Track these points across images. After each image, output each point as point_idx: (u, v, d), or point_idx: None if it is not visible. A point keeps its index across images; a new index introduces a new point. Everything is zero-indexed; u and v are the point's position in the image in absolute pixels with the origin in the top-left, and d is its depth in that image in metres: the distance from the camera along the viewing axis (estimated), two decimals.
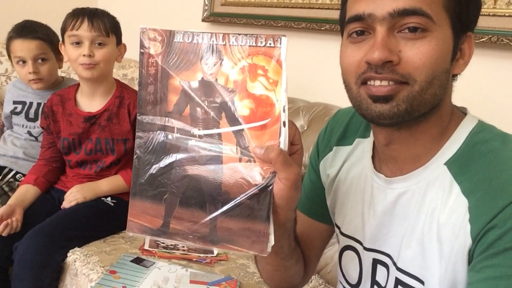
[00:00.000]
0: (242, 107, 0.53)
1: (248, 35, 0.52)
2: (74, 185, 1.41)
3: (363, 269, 0.72)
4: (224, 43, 0.52)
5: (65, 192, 1.41)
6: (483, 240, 0.55)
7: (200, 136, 0.55)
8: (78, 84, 1.48)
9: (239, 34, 0.52)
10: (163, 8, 2.37)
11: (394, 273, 0.66)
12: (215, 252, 1.28)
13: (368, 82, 0.59)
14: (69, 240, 1.25)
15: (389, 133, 0.64)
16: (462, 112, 0.66)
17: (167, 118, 0.56)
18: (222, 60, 0.53)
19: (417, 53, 0.56)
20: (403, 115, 0.58)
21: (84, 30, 1.34)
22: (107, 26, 1.37)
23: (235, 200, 0.54)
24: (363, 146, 0.74)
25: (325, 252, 1.30)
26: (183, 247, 1.27)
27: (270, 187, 0.53)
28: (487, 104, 0.73)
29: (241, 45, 0.52)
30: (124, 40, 1.48)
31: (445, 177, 0.61)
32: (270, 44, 0.51)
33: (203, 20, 2.10)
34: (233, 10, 1.97)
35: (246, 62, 0.52)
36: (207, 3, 2.07)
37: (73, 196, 1.37)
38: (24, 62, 1.57)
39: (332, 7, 1.60)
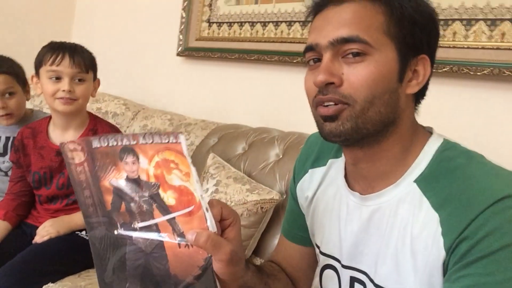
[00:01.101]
0: (168, 198, 0.57)
1: (152, 134, 0.56)
2: (46, 219, 1.38)
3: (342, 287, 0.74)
4: (135, 142, 0.56)
5: (37, 227, 1.37)
6: (456, 251, 0.57)
7: (140, 228, 0.58)
8: (50, 117, 1.47)
9: (145, 134, 0.56)
10: (138, 43, 2.41)
11: None
12: None
13: (320, 103, 0.65)
14: (43, 276, 1.21)
15: (354, 153, 0.68)
16: (428, 131, 0.69)
17: (109, 215, 0.59)
18: (138, 158, 0.56)
19: (356, 76, 0.62)
20: (350, 133, 0.63)
21: (65, 66, 1.34)
22: (87, 62, 1.38)
23: (183, 282, 0.57)
24: (337, 166, 0.77)
25: None
26: None
27: (210, 267, 0.56)
28: (450, 129, 0.79)
29: (149, 143, 0.56)
30: (99, 74, 1.48)
31: (415, 193, 0.64)
32: (172, 140, 0.55)
33: (177, 55, 2.14)
34: (207, 44, 2.03)
35: (159, 158, 0.56)
36: (181, 38, 2.12)
37: (46, 231, 1.33)
38: None
39: (303, 41, 1.67)
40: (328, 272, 0.77)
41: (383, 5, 0.63)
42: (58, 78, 1.35)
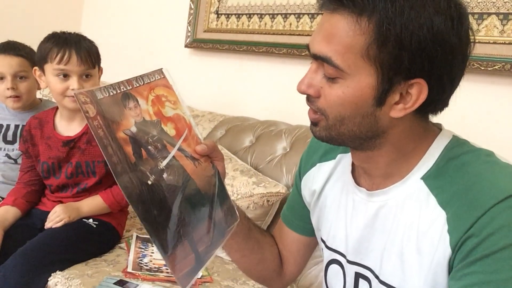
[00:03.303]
0: (169, 129, 0.65)
1: (142, 76, 0.64)
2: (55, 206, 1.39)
3: (347, 283, 0.74)
4: (130, 87, 0.61)
5: (47, 213, 1.38)
6: (462, 249, 0.57)
7: (165, 166, 0.61)
8: (57, 108, 1.47)
9: (136, 77, 0.63)
10: (146, 34, 2.41)
11: (377, 286, 0.68)
12: (200, 274, 1.27)
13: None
14: (51, 264, 1.22)
15: (352, 152, 0.70)
16: (438, 128, 0.69)
17: (136, 168, 0.58)
18: (137, 101, 0.62)
19: (328, 95, 0.63)
20: (326, 140, 0.67)
21: (73, 65, 1.31)
22: (93, 57, 1.36)
23: (211, 194, 0.67)
24: (345, 161, 0.77)
25: (310, 271, 1.32)
26: (167, 269, 1.26)
27: (216, 171, 0.71)
28: (459, 125, 0.79)
29: (141, 85, 0.63)
30: (106, 64, 1.48)
31: (422, 190, 0.63)
32: (158, 77, 0.66)
33: (186, 46, 2.14)
34: (215, 36, 2.02)
35: (152, 96, 0.65)
36: (190, 30, 2.12)
37: (57, 216, 1.34)
38: (3, 78, 1.57)
39: (312, 34, 1.66)
40: (333, 267, 0.77)
41: (372, 23, 0.57)
42: (66, 76, 1.33)
